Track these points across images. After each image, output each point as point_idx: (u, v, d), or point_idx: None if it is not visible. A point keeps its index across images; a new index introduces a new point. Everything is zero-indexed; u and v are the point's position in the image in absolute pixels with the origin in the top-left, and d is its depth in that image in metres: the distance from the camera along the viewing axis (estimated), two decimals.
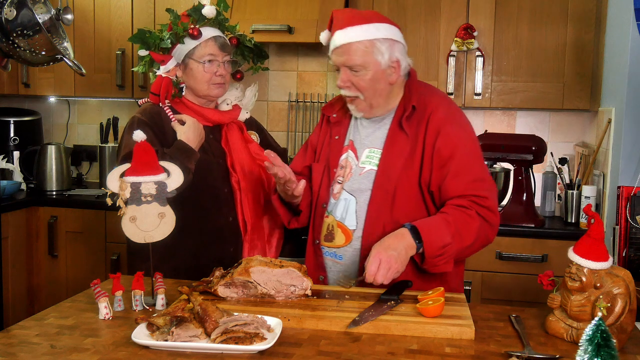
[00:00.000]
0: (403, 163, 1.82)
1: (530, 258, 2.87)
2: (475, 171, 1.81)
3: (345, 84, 1.84)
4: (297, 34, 3.12)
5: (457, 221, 1.73)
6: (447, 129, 1.81)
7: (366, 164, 1.89)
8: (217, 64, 2.10)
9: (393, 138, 1.86)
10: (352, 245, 1.87)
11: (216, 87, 2.12)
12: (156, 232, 1.64)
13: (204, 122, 2.13)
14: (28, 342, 1.39)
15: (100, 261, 3.37)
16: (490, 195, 1.79)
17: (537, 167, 3.10)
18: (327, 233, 1.91)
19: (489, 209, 1.77)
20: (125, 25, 3.51)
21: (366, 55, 1.79)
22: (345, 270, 1.89)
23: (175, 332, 1.35)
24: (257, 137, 2.25)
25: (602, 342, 1.02)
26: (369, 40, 1.79)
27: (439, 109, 1.85)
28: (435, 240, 1.70)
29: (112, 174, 1.64)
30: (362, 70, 1.81)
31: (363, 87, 1.83)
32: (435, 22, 3.16)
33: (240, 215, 2.11)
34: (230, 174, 2.12)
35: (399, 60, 1.83)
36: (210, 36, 2.10)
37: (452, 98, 3.14)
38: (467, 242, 1.75)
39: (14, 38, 2.32)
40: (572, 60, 3.05)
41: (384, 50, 1.80)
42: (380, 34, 1.80)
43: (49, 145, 3.58)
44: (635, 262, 2.34)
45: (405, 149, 1.83)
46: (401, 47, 1.85)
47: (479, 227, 1.75)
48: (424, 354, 1.35)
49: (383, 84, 1.84)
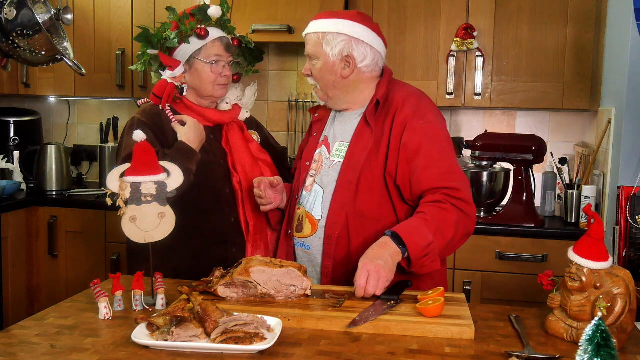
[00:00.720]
0: (367, 156, 1.87)
1: (530, 258, 2.87)
2: (444, 164, 1.83)
3: (306, 72, 1.97)
4: (297, 34, 3.12)
5: (435, 218, 1.75)
6: (413, 123, 1.84)
7: (335, 157, 1.95)
8: (222, 64, 2.11)
9: (360, 132, 1.91)
10: (317, 235, 1.91)
11: (221, 88, 2.12)
12: (156, 232, 1.64)
13: (204, 123, 2.13)
14: (28, 342, 1.39)
15: (100, 261, 3.37)
16: (462, 186, 1.80)
17: (537, 167, 3.10)
18: (298, 224, 1.97)
19: (463, 200, 1.79)
20: (125, 25, 3.51)
21: (316, 46, 1.90)
22: (313, 260, 1.93)
23: (175, 332, 1.35)
24: (257, 137, 2.25)
25: (602, 342, 1.02)
26: (322, 33, 1.90)
27: (405, 104, 1.88)
28: (418, 242, 1.71)
29: (112, 174, 1.64)
30: (314, 60, 1.92)
31: (315, 76, 1.95)
32: (435, 22, 3.16)
33: (242, 216, 2.11)
34: (231, 174, 2.12)
35: (351, 56, 1.89)
36: (217, 37, 2.10)
37: (452, 98, 3.14)
38: (448, 237, 1.76)
39: (14, 38, 2.32)
40: (572, 60, 3.05)
41: (333, 44, 1.88)
42: (335, 29, 1.88)
43: (49, 145, 3.59)
44: (635, 262, 2.34)
45: (369, 143, 1.87)
46: (364, 47, 1.89)
47: (457, 220, 1.77)
48: (424, 354, 1.35)
49: (333, 76, 1.91)
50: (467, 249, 2.90)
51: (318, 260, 1.92)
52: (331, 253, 1.88)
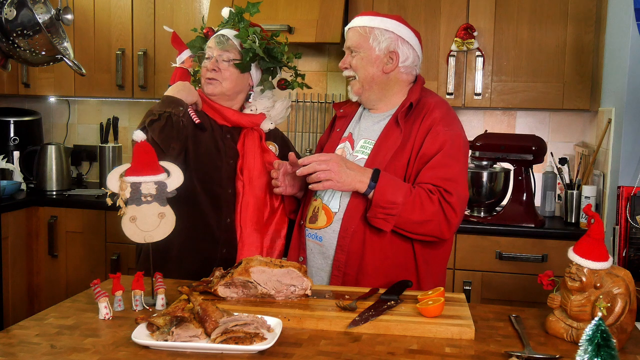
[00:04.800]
0: (392, 156, 1.89)
1: (530, 258, 2.87)
2: (451, 171, 1.85)
3: (344, 65, 1.99)
4: (297, 34, 3.12)
5: (417, 195, 1.80)
6: (438, 128, 1.88)
7: (359, 153, 1.96)
8: (212, 60, 2.10)
9: (388, 131, 1.94)
10: (332, 227, 1.92)
11: (208, 83, 2.11)
12: (156, 232, 1.64)
13: (221, 122, 2.14)
14: (28, 342, 1.39)
15: (100, 261, 3.37)
16: (457, 196, 1.82)
17: (537, 167, 3.10)
18: (312, 215, 1.98)
19: (452, 206, 1.81)
20: (125, 25, 3.51)
21: (361, 38, 1.94)
22: (324, 252, 1.94)
23: (175, 332, 1.35)
24: (275, 148, 2.22)
25: (602, 342, 1.02)
26: (369, 27, 1.94)
27: (435, 109, 1.92)
28: (387, 193, 1.78)
29: (112, 174, 1.64)
30: (356, 51, 1.95)
31: (355, 67, 1.96)
32: (435, 22, 3.16)
33: (237, 219, 2.10)
34: (237, 176, 2.12)
35: (396, 52, 1.94)
36: (217, 34, 2.13)
37: (452, 98, 3.15)
38: (415, 216, 1.79)
39: (14, 38, 2.31)
40: (572, 60, 3.05)
41: (381, 39, 1.93)
42: (383, 25, 1.94)
43: (49, 145, 3.59)
44: (635, 262, 2.34)
45: (396, 143, 1.90)
46: (408, 48, 1.95)
47: (435, 213, 1.80)
48: (424, 354, 1.35)
49: (375, 68, 1.94)
50: (467, 249, 2.90)
51: (330, 253, 1.93)
52: (345, 246, 1.89)
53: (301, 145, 3.66)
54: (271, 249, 2.13)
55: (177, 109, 1.97)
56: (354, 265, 1.88)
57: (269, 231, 2.13)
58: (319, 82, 3.65)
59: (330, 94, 3.62)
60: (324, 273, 1.94)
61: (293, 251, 2.03)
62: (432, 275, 1.93)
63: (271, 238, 2.14)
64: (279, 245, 2.15)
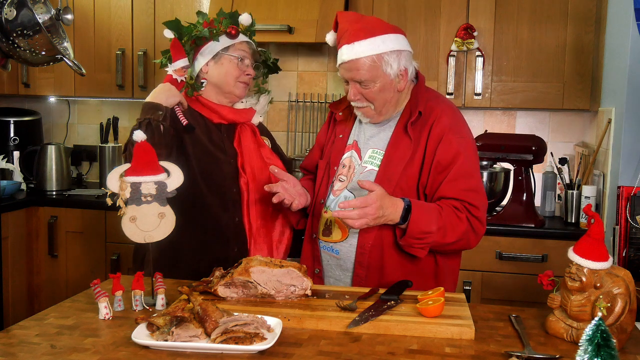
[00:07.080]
0: (404, 166, 1.86)
1: (530, 258, 2.87)
2: (472, 182, 1.85)
3: (355, 97, 1.88)
4: (297, 34, 3.12)
5: (447, 218, 1.79)
6: (449, 136, 1.85)
7: (368, 164, 1.93)
8: (247, 63, 2.15)
9: (397, 141, 1.90)
10: (349, 242, 1.90)
11: (242, 86, 2.15)
12: (156, 232, 1.64)
13: (218, 120, 2.14)
14: (28, 342, 1.39)
15: (100, 261, 3.37)
16: (481, 207, 1.85)
17: (537, 167, 3.10)
18: (325, 228, 1.95)
19: (479, 220, 1.83)
20: (125, 25, 3.51)
21: (374, 69, 1.82)
22: (342, 265, 1.92)
23: (175, 332, 1.35)
24: (269, 142, 2.27)
25: (602, 342, 1.02)
26: (376, 55, 1.81)
27: (443, 116, 1.88)
28: (421, 224, 1.76)
29: (112, 174, 1.64)
30: (370, 83, 1.84)
31: (372, 98, 1.87)
32: (435, 22, 3.16)
33: (246, 217, 2.11)
34: (239, 174, 2.12)
35: (407, 68, 1.88)
36: (245, 40, 2.16)
37: (452, 98, 3.14)
38: (448, 239, 1.80)
39: (14, 38, 2.32)
40: (572, 60, 3.05)
41: (391, 62, 1.83)
42: (387, 47, 1.82)
43: (49, 145, 3.58)
44: (635, 262, 2.34)
45: (407, 153, 1.87)
46: (407, 55, 1.89)
47: (465, 232, 1.81)
48: (424, 354, 1.35)
49: (392, 92, 1.88)
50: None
51: (348, 266, 1.91)
52: (364, 262, 1.87)
53: (301, 145, 3.66)
54: (280, 242, 2.15)
55: (155, 114, 1.96)
56: (374, 278, 1.87)
57: (276, 224, 2.16)
58: (319, 82, 3.64)
59: (330, 94, 3.62)
60: (342, 284, 1.93)
61: (306, 262, 1.98)
62: (449, 280, 1.94)
63: (280, 231, 2.16)
64: (287, 236, 2.17)
